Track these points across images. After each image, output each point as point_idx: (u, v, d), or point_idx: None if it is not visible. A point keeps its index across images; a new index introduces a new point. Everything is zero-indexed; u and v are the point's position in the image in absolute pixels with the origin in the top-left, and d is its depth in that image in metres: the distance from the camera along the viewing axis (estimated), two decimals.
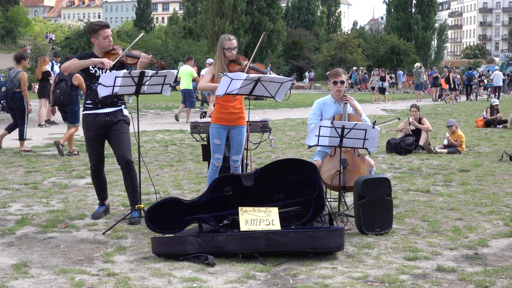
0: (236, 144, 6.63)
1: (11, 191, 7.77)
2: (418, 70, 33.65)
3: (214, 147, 6.60)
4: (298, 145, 12.73)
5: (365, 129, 6.09)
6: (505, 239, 5.69)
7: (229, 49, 6.44)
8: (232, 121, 6.53)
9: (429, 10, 63.86)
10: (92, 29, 6.21)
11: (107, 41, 6.16)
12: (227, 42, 6.45)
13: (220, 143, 6.57)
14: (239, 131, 6.59)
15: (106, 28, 6.18)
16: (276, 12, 52.29)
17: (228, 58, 6.48)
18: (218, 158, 6.61)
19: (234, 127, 6.57)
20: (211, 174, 6.63)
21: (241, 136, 6.60)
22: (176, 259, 4.96)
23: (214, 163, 6.63)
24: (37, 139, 13.63)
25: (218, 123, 6.54)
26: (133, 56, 6.18)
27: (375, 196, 5.83)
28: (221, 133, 6.55)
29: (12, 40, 66.96)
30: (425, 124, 12.08)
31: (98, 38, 6.16)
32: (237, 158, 6.67)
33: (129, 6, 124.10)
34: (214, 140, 6.56)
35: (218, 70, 6.44)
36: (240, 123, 6.59)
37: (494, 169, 9.77)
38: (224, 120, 6.52)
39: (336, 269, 4.79)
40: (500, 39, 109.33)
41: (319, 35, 72.38)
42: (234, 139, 6.62)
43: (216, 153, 6.60)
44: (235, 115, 6.53)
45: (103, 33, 6.14)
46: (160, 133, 15.14)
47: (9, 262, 4.90)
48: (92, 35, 6.20)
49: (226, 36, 6.53)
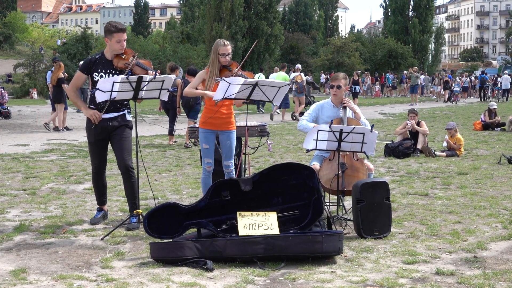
0: (226, 150, 6.59)
1: (9, 197, 7.76)
2: (414, 73, 33.72)
3: (203, 151, 6.59)
4: (296, 149, 12.73)
5: (363, 133, 6.09)
6: (504, 242, 5.69)
7: (223, 54, 6.39)
8: (219, 125, 6.49)
9: (426, 14, 64.05)
10: (108, 30, 6.21)
11: (119, 46, 6.16)
12: (221, 48, 6.40)
13: (209, 147, 6.54)
14: (227, 136, 6.55)
15: (121, 32, 6.17)
16: (273, 16, 52.34)
17: (221, 63, 6.44)
18: (208, 163, 6.59)
19: (222, 132, 6.54)
20: (204, 179, 6.64)
21: (230, 141, 6.55)
22: (175, 264, 4.95)
23: (205, 168, 6.62)
24: (35, 144, 13.63)
25: (205, 128, 6.52)
26: (142, 67, 6.16)
27: (374, 200, 5.83)
28: (209, 137, 6.53)
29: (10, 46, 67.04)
30: (423, 127, 12.09)
31: (111, 40, 6.17)
32: (228, 163, 6.62)
33: (126, 12, 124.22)
34: (203, 144, 6.55)
35: (210, 75, 6.42)
36: (228, 128, 6.54)
37: (492, 172, 9.78)
38: (211, 124, 6.48)
39: (335, 273, 4.78)
40: (498, 42, 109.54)
41: (316, 39, 72.43)
42: (223, 145, 6.58)
43: (205, 157, 6.58)
44: (222, 120, 6.48)
45: (117, 37, 6.15)
46: (158, 138, 15.14)
47: (8, 269, 4.88)
48: (107, 35, 6.21)
49: (221, 41, 6.47)
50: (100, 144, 6.31)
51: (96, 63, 6.21)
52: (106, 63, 6.21)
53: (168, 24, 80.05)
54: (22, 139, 14.93)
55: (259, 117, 22.23)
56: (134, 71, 6.13)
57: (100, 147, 6.33)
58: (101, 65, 6.20)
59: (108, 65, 6.21)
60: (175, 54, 49.12)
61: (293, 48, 65.35)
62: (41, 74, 38.40)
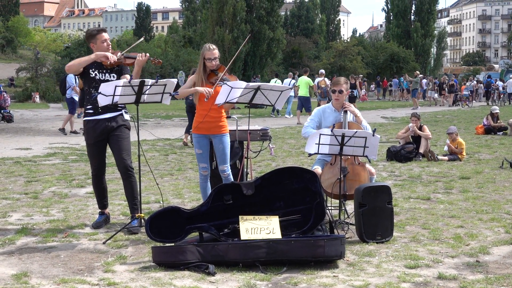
0: (220, 154, 6.55)
1: (11, 201, 7.77)
2: (416, 77, 33.72)
3: (197, 156, 6.59)
4: (298, 153, 12.73)
5: (365, 137, 6.09)
6: (507, 247, 5.68)
7: (209, 59, 6.36)
8: (210, 129, 6.46)
9: (428, 18, 64.11)
10: (90, 34, 6.29)
11: (106, 45, 6.22)
12: (207, 52, 6.37)
13: (202, 152, 6.52)
14: (220, 140, 6.51)
15: (103, 32, 6.29)
16: (275, 20, 52.40)
17: (209, 67, 6.40)
18: (204, 167, 6.57)
19: (214, 136, 6.51)
20: (202, 184, 6.65)
21: (223, 145, 6.52)
22: (177, 268, 4.95)
23: (201, 172, 6.61)
24: (37, 148, 13.64)
25: (197, 132, 6.50)
26: (130, 57, 6.23)
27: (376, 204, 5.82)
28: (201, 142, 6.51)
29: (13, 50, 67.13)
30: (425, 132, 12.09)
31: (96, 43, 6.21)
32: (224, 167, 6.57)
33: (128, 15, 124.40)
34: (196, 149, 6.55)
35: (197, 79, 6.39)
36: (220, 132, 6.50)
37: (494, 176, 9.76)
38: (203, 129, 6.46)
39: (337, 278, 4.78)
40: (500, 46, 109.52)
41: (318, 43, 72.45)
42: (216, 149, 6.55)
43: (200, 162, 6.57)
44: (213, 124, 6.45)
45: (101, 37, 6.22)
46: (161, 142, 15.15)
47: (10, 272, 4.89)
48: (91, 40, 6.26)
49: (207, 45, 6.43)
50: (99, 145, 6.32)
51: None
52: (97, 64, 6.22)
53: (170, 28, 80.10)
54: (24, 143, 14.94)
55: (261, 120, 22.23)
56: (125, 63, 6.22)
57: (99, 148, 6.34)
58: (93, 66, 6.21)
59: (99, 66, 6.23)
60: (177, 58, 49.25)
61: (295, 52, 65.38)
62: (43, 78, 38.46)
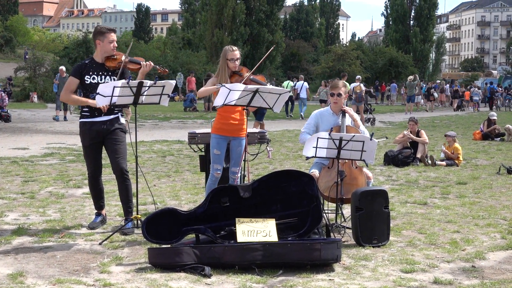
0: (236, 156, 6.62)
1: (7, 201, 7.76)
2: (411, 82, 33.48)
3: (214, 157, 6.59)
4: (295, 157, 12.74)
5: (363, 141, 6.09)
6: (502, 252, 5.69)
7: (232, 60, 6.46)
8: (232, 132, 6.53)
9: (427, 23, 64.19)
10: (99, 31, 6.26)
11: (112, 46, 6.22)
12: (230, 53, 6.47)
13: (220, 153, 6.56)
14: (239, 143, 6.57)
15: (113, 33, 6.28)
16: (275, 23, 52.48)
17: (231, 69, 6.49)
18: (218, 169, 6.59)
19: (234, 138, 6.57)
20: (210, 185, 6.60)
21: (241, 148, 6.58)
22: (173, 270, 4.94)
23: (213, 174, 6.60)
24: (34, 148, 13.63)
25: (218, 134, 6.54)
26: (135, 62, 6.22)
27: (373, 208, 5.83)
28: (221, 143, 6.55)
29: (11, 50, 67.07)
30: (422, 137, 12.10)
31: (103, 41, 6.20)
32: (235, 170, 6.65)
33: (128, 17, 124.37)
34: (214, 150, 6.55)
35: (220, 81, 6.44)
36: (240, 135, 6.57)
37: (491, 182, 9.78)
38: (224, 130, 6.52)
39: (333, 281, 4.78)
40: (498, 53, 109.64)
41: (317, 47, 72.53)
42: (233, 151, 6.61)
43: (215, 163, 6.59)
44: (236, 126, 6.52)
45: (110, 37, 6.21)
46: (158, 143, 15.14)
47: (5, 272, 4.88)
48: (98, 36, 6.23)
49: (229, 47, 6.55)
50: (95, 147, 6.33)
51: (86, 67, 6.24)
52: (97, 66, 6.24)
53: (170, 29, 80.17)
54: (21, 142, 14.92)
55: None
56: (128, 67, 6.22)
57: (95, 150, 6.35)
58: (92, 69, 6.23)
59: (100, 68, 6.24)
60: (176, 60, 49.22)
61: (294, 55, 65.43)
62: (42, 78, 38.42)
